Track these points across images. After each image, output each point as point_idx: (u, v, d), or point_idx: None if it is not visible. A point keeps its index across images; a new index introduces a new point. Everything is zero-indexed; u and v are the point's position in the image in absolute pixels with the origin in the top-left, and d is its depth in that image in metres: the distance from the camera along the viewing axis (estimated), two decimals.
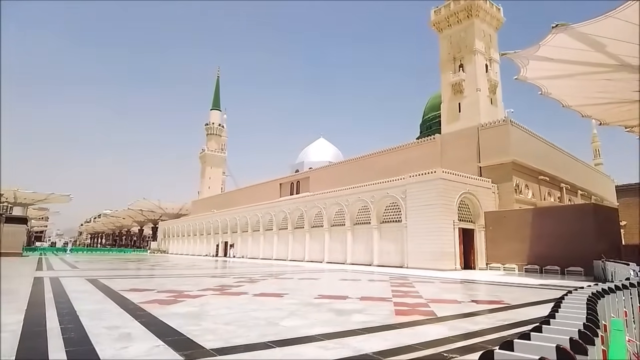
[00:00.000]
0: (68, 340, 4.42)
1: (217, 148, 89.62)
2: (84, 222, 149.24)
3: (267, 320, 5.99)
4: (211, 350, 4.07)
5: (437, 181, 23.43)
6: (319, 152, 60.03)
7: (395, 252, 25.64)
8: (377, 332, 5.25)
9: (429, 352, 4.22)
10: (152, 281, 13.55)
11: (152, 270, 19.86)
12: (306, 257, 33.35)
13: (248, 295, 9.27)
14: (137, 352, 3.97)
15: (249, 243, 42.22)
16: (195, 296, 8.77)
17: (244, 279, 14.26)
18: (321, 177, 42.22)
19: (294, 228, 36.07)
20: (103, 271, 17.63)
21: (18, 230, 34.80)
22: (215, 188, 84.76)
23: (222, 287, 10.96)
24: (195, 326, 5.38)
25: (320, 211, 32.70)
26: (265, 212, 40.41)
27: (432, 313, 6.95)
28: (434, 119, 43.56)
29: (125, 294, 8.80)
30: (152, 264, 26.01)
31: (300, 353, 4.09)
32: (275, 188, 49.10)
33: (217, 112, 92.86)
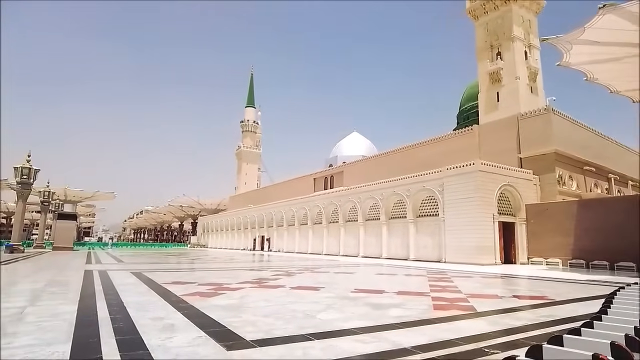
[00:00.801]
0: (117, 329, 4.64)
1: (252, 144, 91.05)
2: (127, 218, 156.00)
3: (305, 313, 6.05)
4: (251, 342, 4.16)
5: (476, 173, 22.80)
6: (352, 146, 59.81)
7: (432, 246, 25.23)
8: (415, 327, 5.20)
9: (469, 347, 4.13)
10: (193, 274, 13.99)
11: (193, 264, 20.50)
12: (341, 251, 33.40)
13: (285, 288, 9.40)
14: (180, 342, 4.11)
15: (285, 237, 42.73)
16: (234, 289, 8.99)
17: (280, 272, 14.46)
18: (355, 171, 42.06)
19: (328, 222, 36.17)
20: (146, 265, 18.37)
21: (69, 226, 36.85)
22: (251, 184, 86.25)
23: (259, 280, 11.17)
24: (235, 318, 5.52)
25: (354, 205, 32.61)
26: (299, 206, 40.73)
27: (471, 308, 6.80)
28: (471, 109, 42.36)
29: (168, 287, 9.14)
30: (192, 258, 26.85)
31: (338, 346, 4.11)
32: (309, 183, 49.40)
33: (252, 110, 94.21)
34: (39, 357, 3.52)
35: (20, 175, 28.16)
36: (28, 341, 4.07)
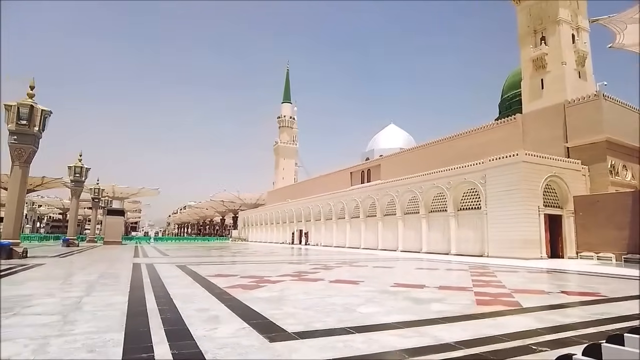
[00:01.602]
0: (165, 320, 4.86)
1: (289, 140, 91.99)
2: (171, 213, 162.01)
3: (344, 306, 6.08)
4: (293, 334, 4.24)
5: (520, 164, 21.95)
6: (389, 138, 59.11)
7: (474, 240, 24.59)
8: (458, 322, 5.11)
9: (514, 344, 4.02)
10: (234, 267, 14.37)
11: (234, 257, 21.05)
12: (379, 245, 33.20)
13: (324, 281, 9.48)
14: (225, 333, 4.25)
15: (322, 231, 42.96)
16: (275, 281, 9.17)
17: (319, 265, 14.58)
18: (392, 164, 41.55)
19: (366, 216, 36.03)
20: (190, 258, 19.04)
21: (118, 222, 38.79)
22: (289, 178, 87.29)
23: (299, 274, 11.32)
24: (276, 310, 5.64)
25: (392, 199, 32.27)
26: (336, 200, 40.79)
27: (516, 304, 6.59)
28: (513, 97, 40.72)
29: (211, 279, 9.44)
30: (233, 251, 27.56)
31: (379, 339, 4.11)
32: (345, 177, 49.31)
33: (288, 105, 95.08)
34: (98, 343, 3.76)
35: (74, 173, 29.90)
36: (87, 329, 4.34)
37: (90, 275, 10.37)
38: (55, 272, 11.19)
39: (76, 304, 5.91)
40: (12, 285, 8.12)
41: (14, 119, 15.17)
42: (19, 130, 15.30)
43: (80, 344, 3.73)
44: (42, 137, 16.23)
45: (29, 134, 15.56)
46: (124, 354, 3.44)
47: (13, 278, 9.33)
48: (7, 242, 14.63)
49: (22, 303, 5.85)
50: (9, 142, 15.31)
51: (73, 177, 30.06)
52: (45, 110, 15.95)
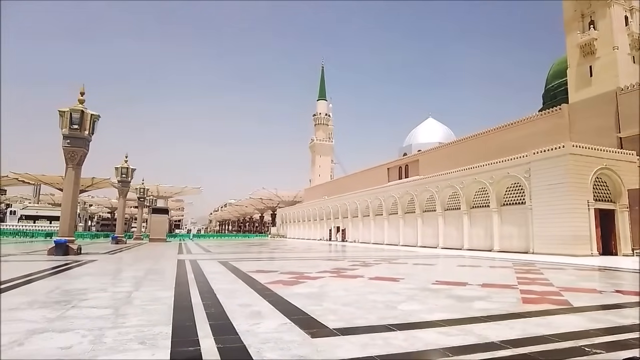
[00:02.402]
0: (210, 314, 5.01)
1: (325, 137, 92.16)
2: (213, 211, 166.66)
3: (385, 303, 6.04)
4: (334, 330, 4.26)
5: (567, 157, 20.93)
6: (427, 133, 57.98)
7: (518, 236, 23.72)
8: (503, 321, 4.96)
9: (565, 344, 3.85)
10: (274, 263, 14.60)
11: (273, 253, 21.37)
12: (419, 242, 32.70)
13: (364, 278, 9.44)
14: (267, 328, 4.33)
15: (360, 228, 42.81)
16: (314, 278, 9.24)
17: (357, 262, 14.55)
18: (431, 159, 40.74)
19: (404, 213, 35.56)
20: (231, 254, 19.52)
21: (162, 220, 40.36)
22: (325, 175, 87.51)
23: (338, 270, 11.34)
24: (317, 306, 5.68)
25: (432, 195, 31.66)
26: (374, 197, 40.50)
27: (566, 302, 6.30)
28: (559, 87, 38.78)
29: (252, 275, 9.64)
30: (272, 248, 28.00)
31: (421, 337, 4.05)
32: (383, 173, 48.84)
33: (324, 102, 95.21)
34: (148, 335, 3.93)
35: (120, 174, 31.39)
36: (137, 322, 4.55)
37: (138, 271, 10.85)
38: (106, 268, 11.80)
39: (127, 298, 6.21)
40: (69, 280, 8.64)
41: (67, 124, 16.09)
42: (71, 134, 16.21)
43: (132, 335, 3.92)
44: (91, 140, 17.10)
45: (81, 137, 16.45)
46: (172, 346, 3.58)
47: (70, 273, 9.92)
48: (64, 240, 15.56)
49: (79, 296, 6.21)
50: (63, 146, 16.26)
51: (120, 178, 31.58)
52: (94, 115, 16.80)
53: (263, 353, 3.39)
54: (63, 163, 16.59)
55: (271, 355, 3.34)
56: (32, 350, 3.44)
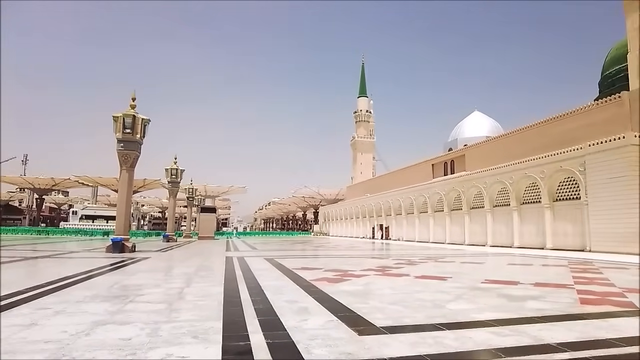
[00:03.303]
0: (258, 310, 5.12)
1: (366, 134, 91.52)
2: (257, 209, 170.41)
3: (433, 302, 5.92)
4: (381, 328, 4.23)
5: (627, 148, 19.58)
6: (473, 126, 56.16)
7: (573, 233, 22.50)
8: (559, 322, 4.71)
9: (632, 349, 3.60)
10: (318, 261, 14.70)
11: (317, 251, 21.53)
12: (466, 240, 31.79)
13: (409, 277, 9.31)
14: (314, 325, 4.37)
15: (404, 226, 42.21)
16: (358, 276, 9.22)
17: (402, 260, 14.35)
18: (478, 154, 39.33)
19: (450, 210, 34.68)
20: (277, 252, 19.86)
21: (210, 218, 41.80)
22: (367, 173, 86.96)
23: (383, 268, 11.25)
24: (363, 304, 5.66)
25: (479, 191, 30.66)
26: (418, 194, 39.79)
27: (631, 304, 5.90)
28: (617, 74, 36.20)
29: (297, 272, 9.76)
30: (316, 245, 28.21)
31: (472, 337, 3.94)
32: (427, 169, 47.74)
33: (364, 99, 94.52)
34: (200, 330, 4.08)
35: (170, 175, 32.76)
36: (189, 316, 4.74)
37: (189, 267, 11.29)
38: (159, 265, 12.37)
39: (179, 293, 6.48)
40: (125, 276, 9.13)
41: (120, 129, 16.99)
42: (124, 138, 17.10)
43: (185, 330, 4.09)
44: (143, 142, 17.94)
45: (133, 141, 17.30)
46: (224, 340, 3.70)
47: (126, 269, 10.49)
48: (119, 238, 16.46)
49: (135, 292, 6.55)
50: (117, 149, 17.18)
51: (170, 179, 32.97)
52: (144, 119, 17.63)
53: (311, 349, 3.43)
54: (117, 165, 17.54)
55: (319, 352, 3.37)
56: (98, 339, 3.67)
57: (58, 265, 11.76)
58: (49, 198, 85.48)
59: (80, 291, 6.59)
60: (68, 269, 10.33)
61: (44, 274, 9.44)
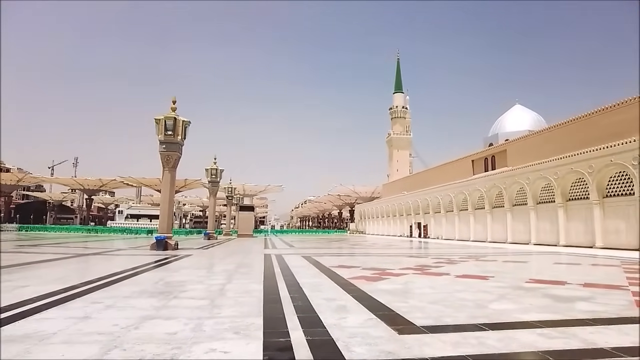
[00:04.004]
0: (297, 307, 5.18)
1: (402, 131, 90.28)
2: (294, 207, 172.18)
3: (475, 302, 5.77)
4: (421, 327, 4.17)
5: None
6: (515, 121, 54.21)
7: (626, 231, 21.28)
8: (613, 325, 4.46)
9: None
10: (355, 259, 14.66)
11: (353, 249, 21.48)
12: (508, 238, 30.75)
13: (450, 276, 9.11)
14: (353, 323, 4.36)
15: (443, 224, 41.35)
16: (397, 274, 9.11)
17: (442, 259, 14.07)
18: (520, 149, 37.88)
19: (491, 207, 33.65)
20: (313, 249, 19.97)
21: (249, 217, 42.70)
22: (403, 170, 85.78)
23: (422, 267, 11.07)
24: (402, 303, 5.59)
25: (522, 187, 29.57)
26: (457, 191, 38.86)
27: None
28: None
29: (335, 270, 9.78)
30: (352, 244, 28.15)
31: (517, 338, 3.81)
32: (466, 165, 46.50)
33: (400, 95, 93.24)
34: (241, 326, 4.18)
35: (210, 175, 33.67)
36: (231, 312, 4.86)
37: (229, 264, 11.56)
38: (201, 262, 12.74)
39: (220, 290, 6.65)
40: (169, 273, 9.47)
41: (162, 131, 17.59)
42: (166, 139, 17.69)
43: (227, 325, 4.19)
44: (184, 144, 18.51)
45: (174, 142, 17.87)
46: (264, 337, 3.76)
47: (169, 266, 10.87)
48: (163, 236, 17.08)
49: (179, 288, 6.79)
50: (159, 151, 17.82)
51: (210, 178, 33.90)
52: (185, 121, 18.17)
53: (351, 347, 3.42)
54: (160, 166, 18.20)
55: (359, 350, 3.36)
56: (145, 333, 3.83)
57: (106, 262, 12.37)
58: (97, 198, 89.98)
59: (128, 287, 6.91)
60: (116, 265, 10.84)
61: (95, 270, 9.95)
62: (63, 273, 9.19)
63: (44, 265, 10.56)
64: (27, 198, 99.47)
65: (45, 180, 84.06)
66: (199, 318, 4.53)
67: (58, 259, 12.61)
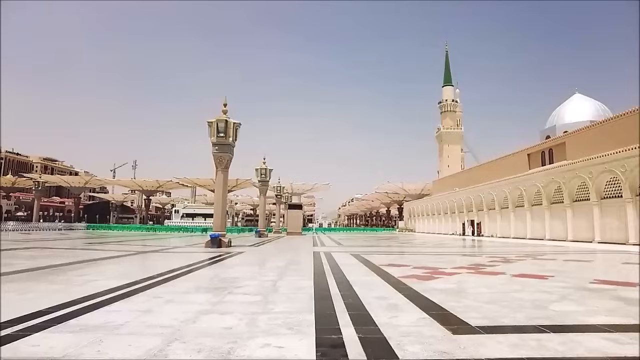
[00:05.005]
0: (348, 305, 5.19)
1: (453, 125, 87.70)
2: (341, 205, 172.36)
3: (533, 302, 5.51)
4: (477, 328, 4.04)
5: None
6: (574, 111, 51.01)
7: None
8: None
9: None
10: (405, 257, 14.45)
11: (403, 248, 21.17)
12: (569, 236, 29.00)
13: (506, 275, 8.75)
14: (406, 322, 4.32)
15: (498, 221, 39.73)
16: (450, 273, 8.88)
17: (497, 258, 13.53)
18: (581, 141, 35.56)
19: (550, 203, 31.89)
20: (362, 248, 19.91)
21: (297, 215, 43.42)
22: (455, 166, 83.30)
23: (476, 266, 10.71)
24: (456, 302, 5.45)
25: (584, 182, 27.77)
26: (513, 187, 37.19)
27: None
28: None
29: (385, 268, 9.69)
30: (401, 242, 27.75)
31: (582, 342, 3.59)
32: (522, 159, 44.33)
33: (450, 88, 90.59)
34: (294, 322, 4.26)
35: (260, 174, 34.49)
36: (283, 308, 4.97)
37: (280, 261, 11.81)
38: (253, 259, 13.11)
39: (272, 286, 6.81)
40: (224, 269, 9.84)
41: (214, 133, 18.23)
42: (218, 141, 18.32)
43: (280, 321, 4.29)
44: (235, 145, 19.08)
45: (226, 144, 18.46)
46: (317, 333, 3.82)
47: (224, 263, 11.28)
48: (217, 234, 17.74)
49: (233, 284, 7.03)
50: (212, 152, 18.49)
51: (260, 178, 34.73)
52: (236, 123, 18.73)
53: (404, 346, 3.39)
54: (213, 167, 18.88)
55: (413, 349, 3.32)
56: (203, 327, 4.02)
57: (165, 259, 13.04)
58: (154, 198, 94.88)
59: (185, 283, 7.25)
60: (173, 262, 11.41)
61: (154, 267, 10.54)
62: (126, 269, 9.82)
63: (110, 262, 11.34)
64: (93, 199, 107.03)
65: (108, 182, 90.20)
66: (253, 313, 4.67)
67: (121, 255, 13.48)
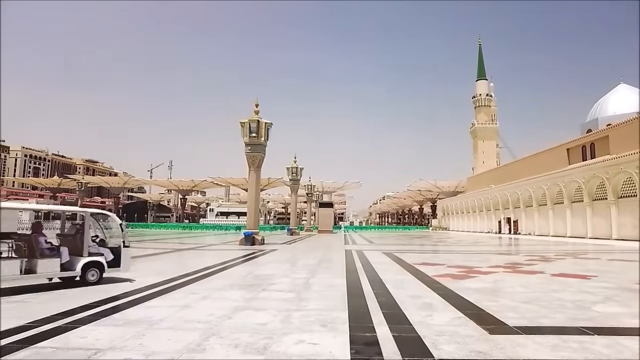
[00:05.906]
0: (381, 303, 5.18)
1: (487, 120, 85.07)
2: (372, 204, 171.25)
3: (574, 303, 5.31)
4: (515, 328, 3.94)
5: None
6: (619, 102, 48.45)
7: None
8: None
9: None
10: (439, 256, 14.23)
11: (437, 246, 20.83)
12: (613, 234, 27.61)
13: (544, 274, 8.47)
14: (440, 321, 4.27)
15: (535, 219, 38.39)
16: (485, 272, 8.68)
17: (535, 257, 13.10)
18: (626, 134, 33.68)
19: (591, 200, 30.48)
20: (394, 246, 19.74)
21: (328, 213, 43.46)
22: (490, 162, 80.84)
23: (512, 265, 10.41)
24: (492, 302, 5.34)
25: (630, 177, 26.39)
26: (551, 183, 35.79)
27: None
28: None
29: (418, 267, 9.58)
30: (435, 241, 27.30)
31: (629, 346, 3.43)
32: (561, 154, 42.53)
33: (483, 82, 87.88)
34: (327, 319, 4.30)
35: (291, 173, 34.81)
36: (316, 305, 5.02)
37: (312, 259, 11.90)
38: (286, 256, 13.27)
39: (305, 284, 6.88)
40: (257, 266, 10.02)
41: (247, 133, 18.52)
42: (251, 141, 18.59)
43: (314, 318, 4.34)
44: (267, 145, 19.31)
45: (258, 143, 18.71)
46: (351, 330, 3.83)
47: (257, 260, 11.48)
48: (250, 232, 18.05)
49: (267, 281, 7.16)
50: (245, 152, 18.79)
51: (291, 177, 35.07)
52: (267, 123, 18.96)
53: (439, 345, 3.36)
54: (246, 167, 19.19)
55: (448, 349, 3.28)
56: (238, 323, 4.12)
57: (200, 256, 13.43)
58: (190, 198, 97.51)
59: (221, 280, 7.44)
60: (209, 259, 11.72)
61: (191, 264, 10.86)
62: (164, 266, 10.18)
63: (149, 259, 11.77)
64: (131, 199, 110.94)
65: (146, 183, 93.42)
66: (287, 310, 4.74)
67: (159, 253, 13.96)
